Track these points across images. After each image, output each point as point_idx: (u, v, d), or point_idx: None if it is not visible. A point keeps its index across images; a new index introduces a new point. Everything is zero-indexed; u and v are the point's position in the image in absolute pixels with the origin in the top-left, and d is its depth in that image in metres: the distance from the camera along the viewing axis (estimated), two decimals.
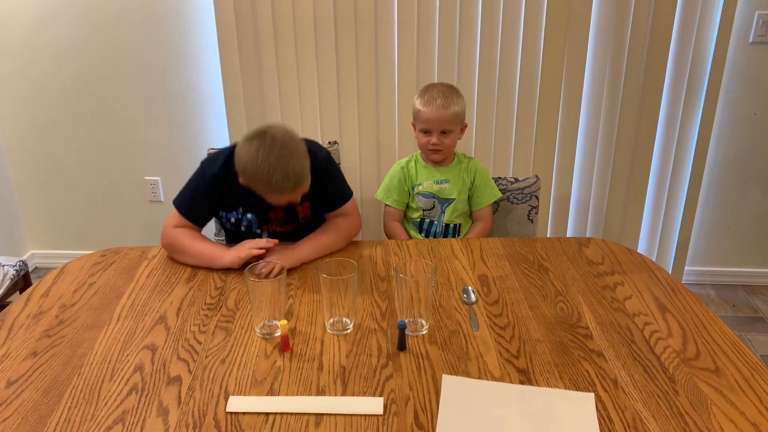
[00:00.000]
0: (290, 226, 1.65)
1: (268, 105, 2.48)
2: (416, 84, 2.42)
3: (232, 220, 1.63)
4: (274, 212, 1.60)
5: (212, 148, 2.09)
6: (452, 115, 1.77)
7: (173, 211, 1.58)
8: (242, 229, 1.64)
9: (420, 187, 1.87)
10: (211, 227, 1.90)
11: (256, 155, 1.37)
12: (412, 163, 1.90)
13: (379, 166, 2.57)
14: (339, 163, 2.19)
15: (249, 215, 1.61)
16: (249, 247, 1.45)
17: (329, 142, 2.18)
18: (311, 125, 2.50)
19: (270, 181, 1.37)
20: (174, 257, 1.54)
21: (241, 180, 1.45)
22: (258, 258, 1.44)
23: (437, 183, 1.86)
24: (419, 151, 1.91)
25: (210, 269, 1.47)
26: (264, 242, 1.46)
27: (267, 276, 1.33)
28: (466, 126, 1.86)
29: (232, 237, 1.70)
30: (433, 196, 1.86)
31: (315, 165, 1.50)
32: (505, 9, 2.30)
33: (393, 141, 2.52)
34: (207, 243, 1.54)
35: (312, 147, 1.54)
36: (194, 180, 1.60)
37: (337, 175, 1.66)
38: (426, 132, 1.81)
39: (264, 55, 2.40)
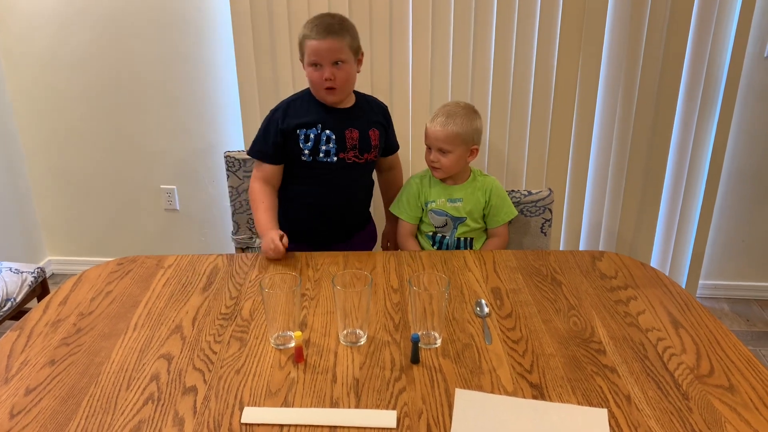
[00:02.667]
0: (364, 157, 1.79)
1: None
2: (430, 98, 2.43)
3: (312, 136, 1.72)
4: (350, 132, 1.75)
5: (228, 151, 2.14)
6: (449, 134, 1.75)
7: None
8: (321, 155, 1.74)
9: (433, 204, 1.87)
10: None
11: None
12: (427, 179, 1.90)
13: None
14: None
15: (328, 131, 1.73)
16: (268, 249, 1.60)
17: None
18: None
19: (318, 18, 1.65)
20: None
21: (301, 56, 1.71)
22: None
23: (450, 201, 1.85)
24: None
25: (225, 277, 1.49)
26: (280, 248, 1.59)
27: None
28: (476, 149, 1.82)
29: (300, 176, 1.80)
30: (446, 214, 1.86)
31: (384, 108, 1.89)
32: (519, 20, 2.31)
33: (406, 155, 2.54)
34: (263, 214, 1.72)
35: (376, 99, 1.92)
36: (264, 122, 1.79)
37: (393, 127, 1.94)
38: (429, 148, 1.82)
39: (280, 63, 2.42)
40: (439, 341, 1.23)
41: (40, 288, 2.18)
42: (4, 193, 2.71)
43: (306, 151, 1.74)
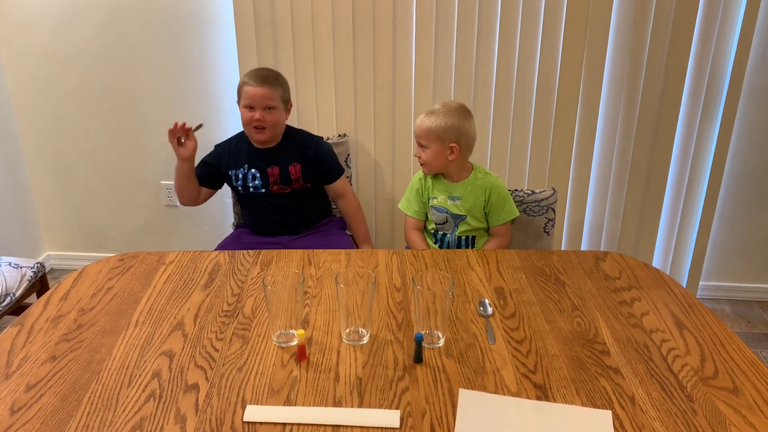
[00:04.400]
0: (288, 187, 2.06)
1: None
2: (432, 99, 2.42)
3: (240, 176, 2.05)
4: (272, 170, 2.03)
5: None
6: (423, 130, 1.80)
7: None
8: (251, 189, 2.06)
9: (434, 201, 1.87)
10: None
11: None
12: (429, 176, 1.90)
13: (394, 178, 2.58)
14: (350, 177, 2.25)
15: (253, 170, 2.04)
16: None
17: (339, 135, 2.39)
18: (327, 131, 2.51)
19: (257, 70, 1.97)
20: (179, 197, 2.11)
21: (238, 99, 2.01)
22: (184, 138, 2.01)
23: (451, 199, 1.85)
24: None
25: (227, 274, 1.49)
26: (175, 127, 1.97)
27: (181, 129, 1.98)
28: (455, 146, 1.78)
29: (244, 200, 2.14)
30: (446, 211, 1.86)
31: (316, 142, 2.09)
32: (523, 19, 2.30)
33: (409, 156, 2.53)
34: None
35: (312, 136, 2.14)
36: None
37: (331, 154, 2.13)
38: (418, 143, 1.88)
39: (282, 60, 2.41)
40: (442, 341, 1.22)
41: (39, 283, 2.17)
42: (3, 188, 2.69)
43: (239, 188, 2.08)
